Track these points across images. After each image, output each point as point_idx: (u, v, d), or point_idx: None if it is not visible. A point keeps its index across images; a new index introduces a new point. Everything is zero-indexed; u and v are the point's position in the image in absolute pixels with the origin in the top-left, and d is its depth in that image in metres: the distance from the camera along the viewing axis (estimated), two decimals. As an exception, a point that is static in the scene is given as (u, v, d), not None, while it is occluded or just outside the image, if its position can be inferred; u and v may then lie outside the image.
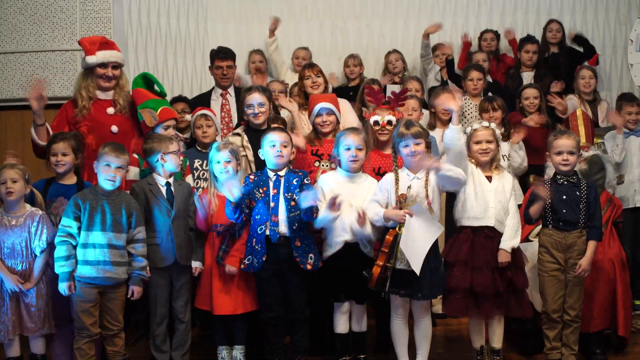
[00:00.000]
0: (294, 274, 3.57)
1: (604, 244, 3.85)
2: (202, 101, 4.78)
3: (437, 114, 4.74)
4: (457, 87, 5.49)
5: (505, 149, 4.38)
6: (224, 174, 3.68)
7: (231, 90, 4.88)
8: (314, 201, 3.43)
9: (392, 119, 3.92)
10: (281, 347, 3.64)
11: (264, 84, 4.87)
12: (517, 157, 4.47)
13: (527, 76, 5.62)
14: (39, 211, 3.52)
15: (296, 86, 4.67)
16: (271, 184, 3.61)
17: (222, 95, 4.88)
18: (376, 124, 3.93)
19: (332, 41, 6.31)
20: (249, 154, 3.99)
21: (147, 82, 4.21)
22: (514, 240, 3.50)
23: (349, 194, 3.56)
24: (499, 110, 4.54)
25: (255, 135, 3.93)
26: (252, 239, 3.59)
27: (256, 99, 4.03)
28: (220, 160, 3.70)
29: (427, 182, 3.48)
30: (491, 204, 3.52)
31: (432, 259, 3.44)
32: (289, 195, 3.58)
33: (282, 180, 3.62)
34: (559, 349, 3.64)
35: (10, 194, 3.42)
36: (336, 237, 3.58)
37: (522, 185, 4.46)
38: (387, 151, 3.94)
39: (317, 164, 3.94)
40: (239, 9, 6.26)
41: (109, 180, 3.46)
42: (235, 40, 6.01)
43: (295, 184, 3.61)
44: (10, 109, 5.53)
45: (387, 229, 3.46)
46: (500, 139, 3.71)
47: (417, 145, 3.48)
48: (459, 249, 3.53)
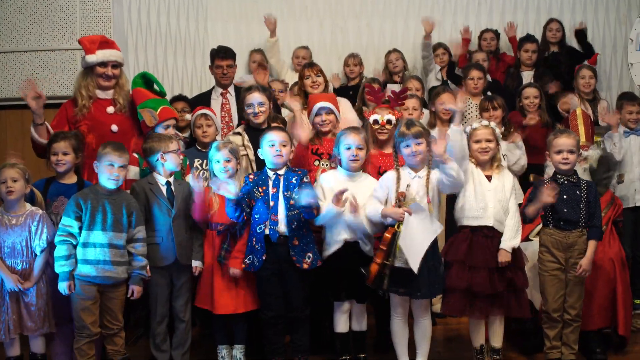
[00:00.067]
0: (293, 273, 3.57)
1: (604, 243, 3.86)
2: (202, 100, 4.77)
3: (438, 113, 4.73)
4: (457, 86, 5.50)
5: (505, 149, 4.37)
6: (224, 173, 3.68)
7: (231, 89, 4.87)
8: (311, 199, 3.43)
9: (392, 118, 3.92)
10: (281, 346, 3.64)
11: (266, 80, 4.87)
12: (511, 156, 4.45)
13: (527, 75, 5.63)
14: (39, 210, 3.51)
15: (296, 85, 4.67)
16: (270, 183, 3.62)
17: (222, 94, 4.87)
18: (376, 123, 3.93)
19: (332, 40, 6.31)
20: (250, 153, 3.99)
21: (146, 81, 4.21)
22: (514, 240, 3.50)
23: (349, 194, 3.56)
24: (499, 109, 4.55)
25: (255, 134, 3.93)
26: (252, 238, 3.59)
27: (256, 98, 4.03)
28: (219, 159, 3.70)
29: (427, 180, 3.48)
30: (490, 204, 3.52)
31: (431, 257, 3.44)
32: (288, 194, 3.58)
33: (282, 179, 3.63)
34: (559, 348, 3.64)
35: (10, 193, 3.42)
36: (336, 236, 3.59)
37: (523, 184, 4.46)
38: (387, 150, 3.95)
39: (316, 163, 3.94)
40: (239, 9, 6.26)
41: (113, 179, 3.46)
42: (235, 39, 5.99)
43: (294, 182, 3.61)
44: (10, 108, 5.52)
45: (387, 226, 3.46)
46: (500, 138, 3.70)
47: (418, 145, 3.48)
48: (457, 248, 3.54)
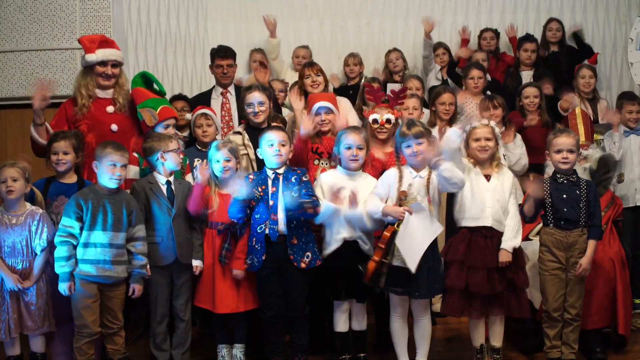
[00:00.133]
0: (293, 273, 3.57)
1: (604, 243, 3.86)
2: (203, 100, 4.77)
3: (438, 112, 4.73)
4: (457, 86, 5.50)
5: (504, 148, 4.37)
6: (224, 172, 3.68)
7: (231, 89, 4.86)
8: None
9: (391, 117, 3.93)
10: (281, 345, 3.64)
11: (267, 79, 4.87)
12: (511, 155, 4.45)
13: (527, 75, 5.62)
14: (39, 210, 3.51)
15: (296, 85, 4.66)
16: (270, 183, 3.62)
17: (222, 94, 4.87)
18: (375, 122, 3.93)
19: (332, 39, 6.30)
20: (250, 153, 3.99)
21: (146, 81, 4.21)
22: (515, 240, 3.50)
23: (348, 192, 3.56)
24: (499, 108, 4.55)
25: (256, 133, 3.92)
26: (252, 238, 3.60)
27: (256, 97, 4.03)
28: (219, 159, 3.70)
29: (429, 180, 3.49)
30: (488, 204, 3.51)
31: (430, 257, 3.44)
32: (287, 193, 3.58)
33: (281, 178, 3.63)
34: (559, 347, 3.64)
35: (10, 193, 3.42)
36: (335, 235, 3.59)
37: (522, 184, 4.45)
38: (387, 149, 3.95)
39: (316, 162, 3.94)
40: (239, 8, 6.25)
41: (115, 179, 3.46)
42: (235, 39, 5.99)
43: (293, 181, 3.61)
44: (10, 107, 5.51)
45: (387, 224, 3.46)
46: (499, 137, 3.70)
47: (419, 145, 3.48)
48: (456, 249, 3.54)
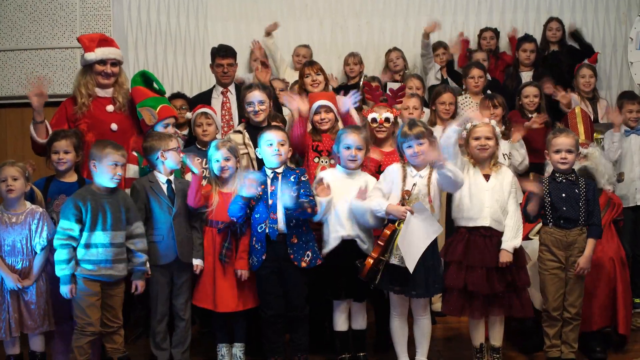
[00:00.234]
0: (293, 272, 3.57)
1: (603, 243, 3.85)
2: (203, 99, 4.77)
3: (438, 111, 4.73)
4: (457, 85, 5.50)
5: (505, 148, 4.37)
6: (223, 171, 3.68)
7: (232, 88, 4.86)
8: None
9: (390, 116, 3.93)
10: (281, 344, 3.64)
11: (268, 77, 4.86)
12: (517, 155, 4.46)
13: (526, 75, 5.62)
14: (39, 209, 3.51)
15: (296, 84, 4.66)
16: (269, 182, 3.62)
17: (222, 93, 4.86)
18: (374, 121, 3.93)
19: (332, 39, 6.31)
20: (251, 152, 3.99)
21: (145, 80, 4.20)
22: (515, 240, 3.49)
23: (347, 190, 3.57)
24: (499, 107, 4.55)
25: (256, 132, 3.92)
26: (252, 237, 3.60)
27: (256, 96, 4.03)
28: (219, 158, 3.69)
29: (429, 180, 3.49)
30: (487, 204, 3.51)
31: (429, 257, 3.44)
32: (286, 192, 3.58)
33: (280, 177, 3.63)
34: (559, 346, 3.64)
35: (10, 192, 3.41)
36: (333, 233, 3.58)
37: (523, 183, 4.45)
38: (386, 148, 3.95)
39: (316, 160, 3.94)
40: (239, 7, 6.26)
41: (117, 179, 3.46)
42: (235, 38, 5.99)
43: (292, 180, 3.61)
44: (10, 106, 5.50)
45: (388, 222, 3.46)
46: (499, 136, 3.70)
47: (420, 145, 3.48)
48: (454, 248, 3.54)
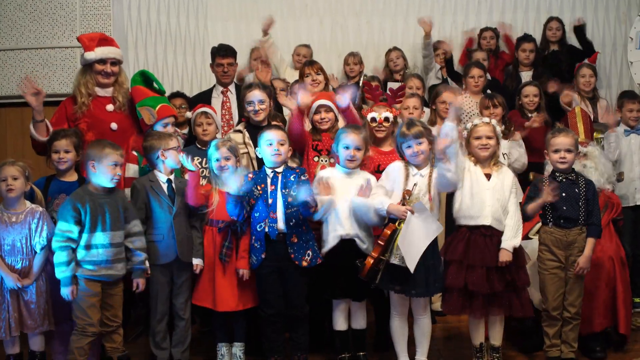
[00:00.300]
0: (293, 271, 3.57)
1: (603, 242, 3.85)
2: (203, 99, 4.77)
3: (438, 111, 4.73)
4: (457, 84, 5.50)
5: (504, 147, 4.37)
6: (223, 171, 3.68)
7: (232, 87, 4.87)
8: (307, 196, 3.44)
9: (390, 115, 3.93)
10: (280, 344, 3.65)
11: (269, 77, 4.86)
12: (515, 153, 4.46)
13: (526, 75, 5.62)
14: (39, 208, 3.51)
15: (297, 84, 4.66)
16: (269, 181, 3.62)
17: (222, 92, 4.87)
18: (373, 120, 3.93)
19: (332, 38, 6.31)
20: (251, 151, 3.99)
21: (145, 79, 4.20)
22: (515, 239, 3.48)
23: (346, 190, 3.57)
24: (499, 107, 4.55)
25: (256, 132, 3.92)
26: (252, 237, 3.60)
27: (256, 96, 4.04)
28: (219, 157, 3.70)
29: (430, 179, 3.48)
30: (488, 203, 3.50)
31: (429, 256, 3.44)
32: (286, 191, 3.59)
33: (280, 176, 3.63)
34: (559, 346, 3.64)
35: (10, 191, 3.41)
36: (331, 232, 3.58)
37: (523, 183, 4.45)
38: (386, 148, 3.95)
39: (316, 159, 3.94)
40: (239, 7, 6.26)
41: (117, 179, 3.46)
42: (235, 38, 5.99)
43: (292, 180, 3.61)
44: (10, 106, 5.51)
45: (388, 222, 3.46)
46: (500, 135, 3.70)
47: (420, 145, 3.48)
48: (455, 248, 3.53)
